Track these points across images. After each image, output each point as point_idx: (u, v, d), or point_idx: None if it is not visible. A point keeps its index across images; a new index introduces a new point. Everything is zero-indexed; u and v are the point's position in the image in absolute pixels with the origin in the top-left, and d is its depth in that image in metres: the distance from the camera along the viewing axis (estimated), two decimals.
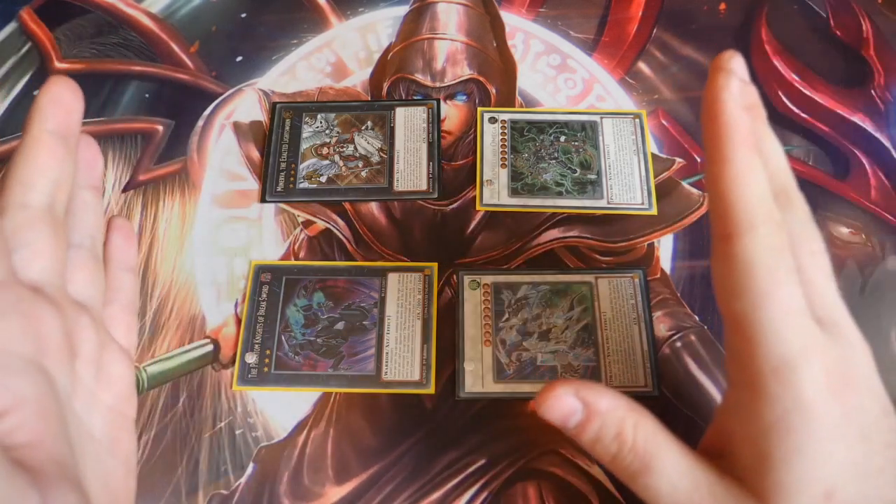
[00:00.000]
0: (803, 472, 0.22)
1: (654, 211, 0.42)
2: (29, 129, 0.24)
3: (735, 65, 0.24)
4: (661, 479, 0.23)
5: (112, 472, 0.24)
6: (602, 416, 0.24)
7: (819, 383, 0.22)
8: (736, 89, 0.23)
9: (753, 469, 0.23)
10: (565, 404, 0.24)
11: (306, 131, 0.45)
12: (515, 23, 0.49)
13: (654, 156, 0.44)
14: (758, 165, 0.23)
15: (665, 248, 0.41)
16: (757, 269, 0.22)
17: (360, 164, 0.44)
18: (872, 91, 0.47)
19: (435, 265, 0.40)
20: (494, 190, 0.43)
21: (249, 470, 0.36)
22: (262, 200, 0.43)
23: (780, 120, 0.46)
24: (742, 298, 0.22)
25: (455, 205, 0.43)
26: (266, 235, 0.42)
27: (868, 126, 0.45)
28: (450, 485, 0.35)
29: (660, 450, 0.24)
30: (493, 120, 0.45)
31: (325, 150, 0.44)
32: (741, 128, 0.23)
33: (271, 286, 0.40)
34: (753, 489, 0.22)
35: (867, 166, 0.44)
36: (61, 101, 0.24)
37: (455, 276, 0.40)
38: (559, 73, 0.48)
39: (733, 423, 0.24)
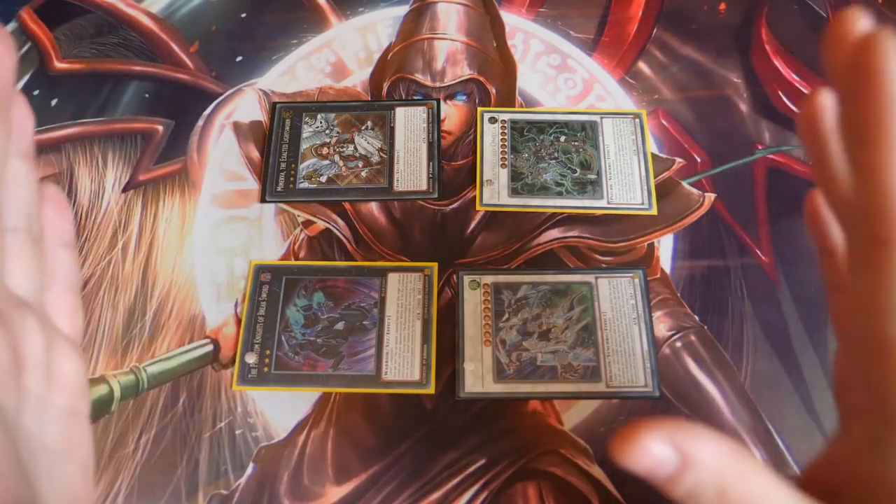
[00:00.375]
0: None
1: (654, 211, 0.42)
2: None
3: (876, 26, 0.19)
4: None
5: (69, 477, 0.23)
6: (702, 468, 0.20)
7: None
8: None
9: None
10: (654, 454, 0.20)
11: (306, 131, 0.45)
12: (515, 23, 0.49)
13: (654, 156, 0.44)
14: None
15: (665, 248, 0.41)
16: None
17: (360, 164, 0.44)
18: None
19: (435, 265, 0.40)
20: (494, 190, 0.43)
21: (249, 470, 0.36)
22: (262, 200, 0.43)
23: (780, 120, 0.46)
24: None
25: (455, 205, 0.43)
26: (266, 235, 0.42)
27: None
28: (450, 485, 0.35)
29: (772, 502, 0.20)
30: (493, 120, 0.45)
31: (325, 150, 0.44)
32: None
33: (271, 286, 0.40)
34: None
35: None
36: None
37: (455, 276, 0.40)
38: (559, 73, 0.48)
39: (868, 462, 0.21)
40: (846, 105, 0.19)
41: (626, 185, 0.43)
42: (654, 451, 0.19)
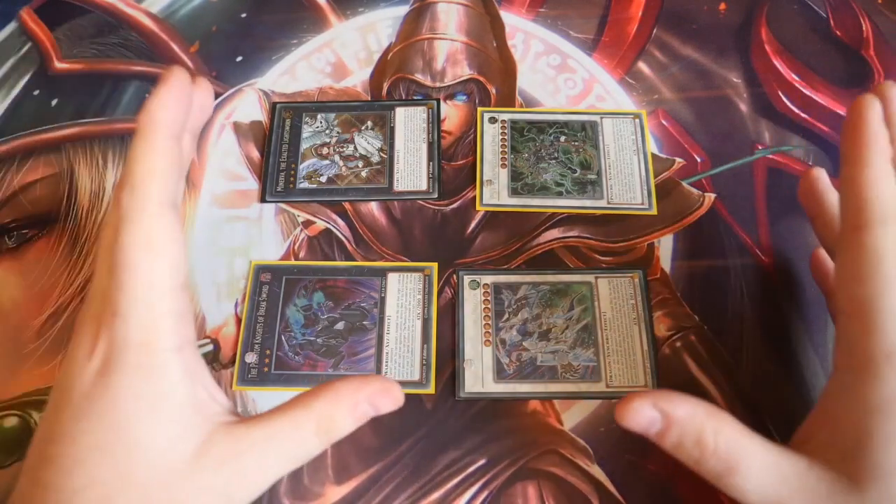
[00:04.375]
0: None
1: (654, 211, 0.42)
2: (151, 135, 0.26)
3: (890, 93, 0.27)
4: (748, 479, 0.24)
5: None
6: (680, 424, 0.25)
7: None
8: (879, 109, 0.27)
9: (852, 451, 0.24)
10: (644, 415, 0.25)
11: (306, 131, 0.45)
12: (515, 23, 0.49)
13: (654, 156, 0.44)
14: (892, 173, 0.26)
15: (665, 248, 0.41)
16: (886, 258, 0.24)
17: (360, 164, 0.44)
18: None
19: (435, 265, 0.40)
20: (494, 190, 0.43)
21: None
22: (262, 200, 0.43)
23: (780, 120, 0.46)
24: (867, 284, 0.24)
25: (455, 205, 0.43)
26: (266, 235, 0.42)
27: None
28: (450, 485, 0.35)
29: (743, 451, 0.24)
30: (493, 120, 0.45)
31: (325, 150, 0.44)
32: (881, 140, 0.26)
33: (271, 286, 0.40)
34: (849, 472, 0.23)
35: None
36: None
37: (455, 276, 0.40)
38: (559, 73, 0.48)
39: (836, 406, 0.26)
40: (842, 138, 0.27)
41: (626, 185, 0.43)
42: (644, 413, 0.25)
